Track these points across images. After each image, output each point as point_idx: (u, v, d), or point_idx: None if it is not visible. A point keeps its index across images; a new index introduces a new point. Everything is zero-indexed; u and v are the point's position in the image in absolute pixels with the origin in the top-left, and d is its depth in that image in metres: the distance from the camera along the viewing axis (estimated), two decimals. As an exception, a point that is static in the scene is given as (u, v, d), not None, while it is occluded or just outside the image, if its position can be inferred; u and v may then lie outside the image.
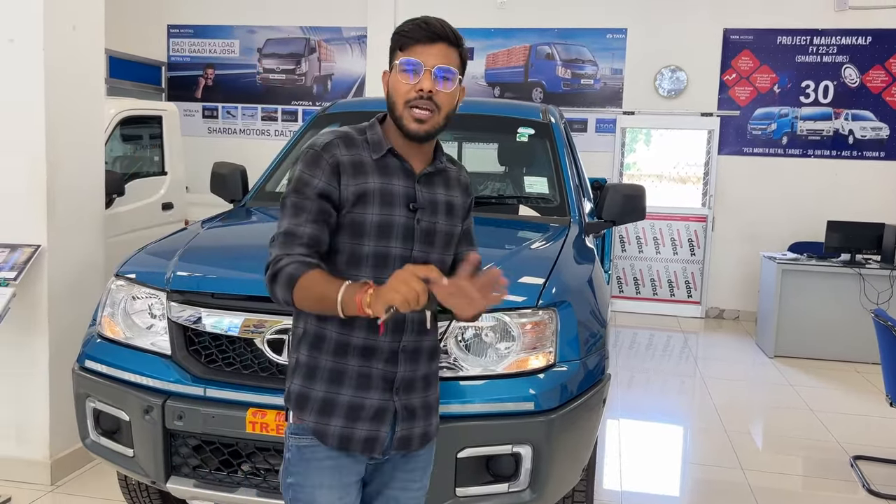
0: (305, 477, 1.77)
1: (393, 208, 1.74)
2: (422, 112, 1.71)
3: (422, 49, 1.71)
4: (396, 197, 1.75)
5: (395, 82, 1.74)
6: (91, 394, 2.60)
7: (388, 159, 1.77)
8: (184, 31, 9.14)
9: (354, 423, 1.75)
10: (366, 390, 1.75)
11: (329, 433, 1.74)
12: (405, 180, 1.77)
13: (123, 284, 2.70)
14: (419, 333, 1.80)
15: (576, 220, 3.45)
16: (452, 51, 1.74)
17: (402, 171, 1.78)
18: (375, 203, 1.73)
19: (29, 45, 3.38)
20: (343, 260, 1.74)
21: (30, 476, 3.54)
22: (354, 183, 1.72)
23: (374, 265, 1.74)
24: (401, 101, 1.72)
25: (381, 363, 1.76)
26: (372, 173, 1.74)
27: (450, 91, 1.74)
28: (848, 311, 6.31)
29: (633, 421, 4.90)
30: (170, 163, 5.89)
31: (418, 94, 1.70)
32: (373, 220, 1.72)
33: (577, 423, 2.42)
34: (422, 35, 1.72)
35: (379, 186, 1.74)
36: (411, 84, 1.71)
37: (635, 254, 8.34)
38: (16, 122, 3.43)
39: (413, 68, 1.71)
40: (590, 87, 8.32)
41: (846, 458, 4.30)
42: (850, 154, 7.80)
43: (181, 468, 2.45)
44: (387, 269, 1.70)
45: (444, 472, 2.25)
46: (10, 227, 3.47)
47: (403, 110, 1.72)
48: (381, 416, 1.76)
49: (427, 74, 1.70)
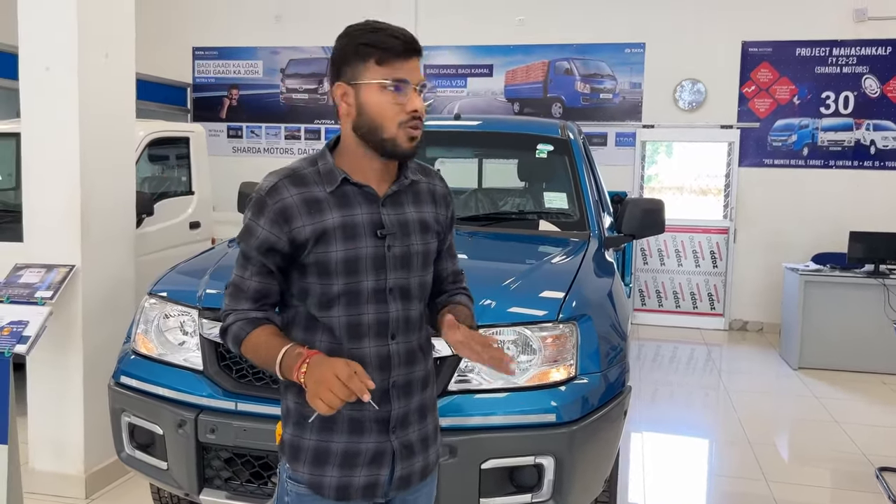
0: None
1: (357, 240, 1.60)
2: (416, 131, 1.62)
3: (401, 64, 1.59)
4: (360, 227, 1.61)
5: (379, 103, 1.58)
6: (126, 408, 2.69)
7: (344, 188, 1.62)
8: (208, 52, 9.34)
9: (351, 471, 1.63)
10: (359, 434, 1.63)
11: (325, 484, 1.63)
12: (368, 207, 1.63)
13: (156, 302, 2.79)
14: (409, 364, 1.68)
15: (595, 234, 3.50)
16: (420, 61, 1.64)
17: (362, 197, 1.63)
18: (337, 239, 1.59)
19: (64, 73, 3.51)
20: (314, 302, 1.63)
21: (66, 490, 3.64)
22: (311, 223, 1.58)
23: (346, 304, 1.61)
24: (391, 124, 1.58)
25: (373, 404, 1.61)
26: (329, 209, 1.60)
27: (427, 104, 1.70)
28: (872, 322, 6.27)
29: (657, 434, 4.91)
30: (197, 183, 6.02)
31: (410, 115, 1.59)
32: (338, 258, 1.59)
33: (598, 434, 2.47)
34: (401, 48, 1.58)
35: (339, 221, 1.60)
36: (400, 104, 1.58)
37: (657, 266, 8.34)
38: (52, 146, 3.55)
39: (401, 87, 1.58)
40: (609, 101, 8.37)
41: (872, 470, 4.28)
42: (872, 164, 7.77)
43: (213, 480, 2.53)
44: (360, 306, 1.61)
45: (469, 483, 2.31)
46: (46, 248, 3.59)
47: (397, 131, 1.59)
48: (380, 460, 1.65)
49: (415, 93, 1.60)
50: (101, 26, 3.62)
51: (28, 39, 3.54)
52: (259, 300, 1.63)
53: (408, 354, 1.68)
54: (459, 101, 8.70)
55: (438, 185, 1.81)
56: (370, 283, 1.62)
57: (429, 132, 4.35)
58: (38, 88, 3.54)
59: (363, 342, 1.63)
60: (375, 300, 1.62)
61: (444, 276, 1.86)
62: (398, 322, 1.66)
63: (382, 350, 1.64)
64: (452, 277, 1.87)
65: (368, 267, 1.61)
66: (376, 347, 1.63)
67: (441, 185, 1.82)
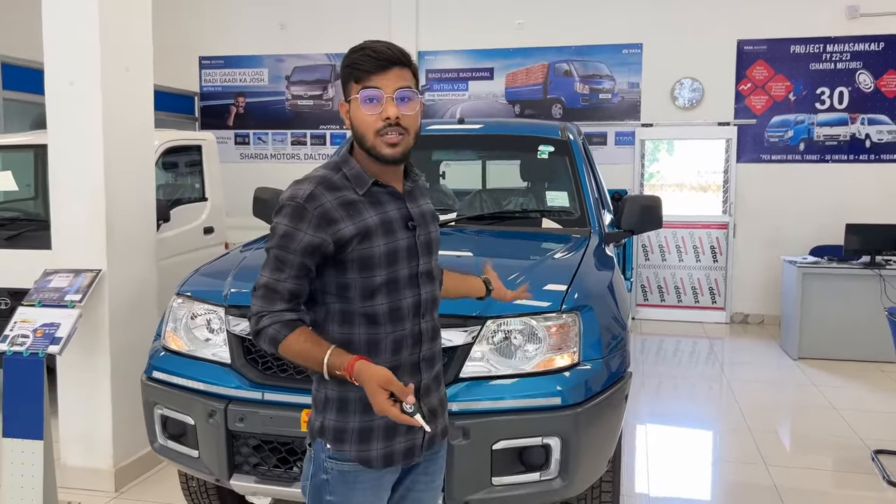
0: (347, 497, 1.82)
1: (395, 234, 1.79)
2: (393, 138, 1.74)
3: (378, 77, 1.72)
4: (395, 222, 1.80)
5: (359, 116, 1.75)
6: (158, 401, 2.86)
7: (374, 190, 1.80)
8: (215, 61, 9.52)
9: (393, 441, 1.82)
10: None
11: (372, 457, 1.80)
12: (396, 203, 1.83)
13: (183, 302, 2.97)
14: (433, 340, 1.90)
15: (596, 230, 3.67)
16: (405, 70, 1.76)
17: (388, 196, 1.82)
18: (379, 235, 1.76)
19: (88, 86, 3.69)
20: (356, 294, 1.77)
21: (96, 483, 3.82)
22: (353, 223, 1.74)
23: (387, 291, 1.78)
24: (370, 133, 1.74)
25: (407, 377, 1.79)
26: (366, 209, 1.77)
27: (413, 111, 1.77)
28: (869, 312, 6.41)
29: (661, 425, 5.06)
30: (210, 189, 6.21)
31: (385, 122, 1.73)
32: (381, 251, 1.76)
33: (601, 416, 2.64)
34: (374, 64, 1.72)
35: (378, 219, 1.77)
36: (377, 114, 1.73)
37: (659, 262, 8.51)
38: (77, 157, 3.74)
39: (374, 98, 1.72)
40: (608, 101, 8.53)
41: (868, 454, 4.43)
42: (868, 158, 7.93)
43: (242, 466, 2.70)
44: (400, 292, 1.79)
45: (481, 462, 2.48)
46: (74, 254, 3.77)
47: (375, 140, 1.75)
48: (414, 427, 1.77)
49: (390, 101, 1.72)
50: (121, 41, 3.81)
51: (53, 56, 3.72)
52: (292, 301, 1.76)
53: (433, 331, 1.90)
54: (461, 104, 8.87)
55: (422, 180, 2.01)
56: (405, 270, 1.81)
57: (434, 136, 4.57)
58: (64, 102, 3.73)
59: (404, 324, 1.82)
60: (410, 285, 1.83)
61: None
62: (428, 302, 1.88)
63: (416, 329, 1.84)
64: None
65: (404, 256, 1.81)
66: (411, 327, 1.83)
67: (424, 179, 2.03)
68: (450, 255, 3.27)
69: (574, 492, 2.61)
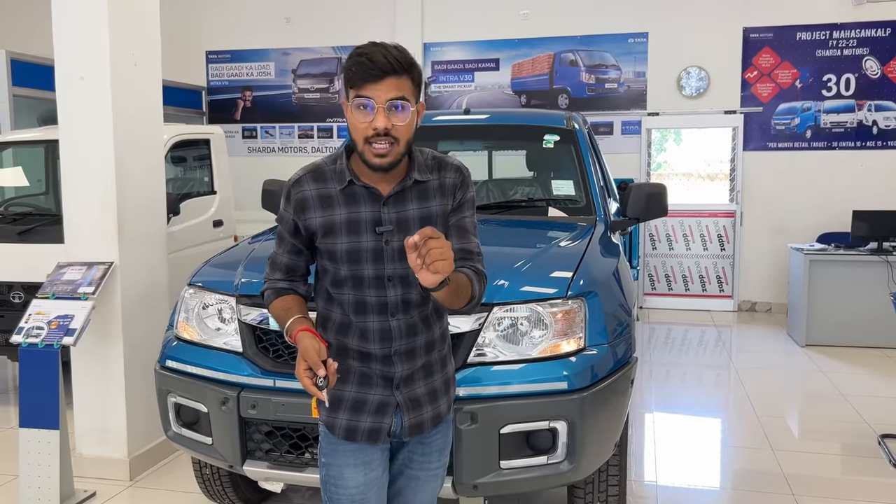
0: (333, 458, 1.96)
1: (360, 235, 1.83)
2: (381, 147, 1.75)
3: (371, 87, 1.73)
4: (363, 223, 1.84)
5: (352, 120, 1.78)
6: (172, 390, 2.91)
7: (353, 188, 1.85)
8: (221, 56, 9.57)
9: (359, 417, 1.91)
10: (367, 387, 1.91)
11: (336, 425, 1.92)
12: (371, 205, 1.84)
13: (195, 292, 3.01)
14: (409, 337, 1.90)
15: (601, 218, 3.70)
16: (402, 80, 1.75)
17: (367, 196, 1.85)
18: (342, 232, 1.84)
19: (98, 81, 3.74)
20: (328, 281, 1.92)
21: (111, 473, 3.89)
22: (322, 215, 1.85)
23: (352, 286, 1.87)
24: (360, 139, 1.77)
25: (379, 364, 1.89)
26: (339, 205, 1.85)
27: (405, 121, 1.76)
28: (876, 298, 6.41)
29: (670, 414, 5.09)
30: (218, 182, 6.26)
31: (374, 131, 1.74)
32: (342, 248, 1.84)
33: (607, 400, 2.67)
34: (368, 73, 1.72)
35: (345, 217, 1.84)
36: (367, 122, 1.74)
37: (666, 251, 8.52)
38: (88, 151, 3.79)
39: (365, 105, 1.74)
40: (614, 90, 8.54)
41: (875, 438, 4.46)
42: (875, 144, 7.91)
43: (255, 452, 2.75)
44: (363, 290, 1.86)
45: (489, 446, 2.52)
46: (87, 247, 3.83)
47: (364, 146, 1.77)
48: (384, 410, 1.91)
49: (380, 112, 1.73)
50: (130, 37, 3.85)
51: (63, 52, 3.77)
52: (287, 273, 1.98)
53: (408, 328, 1.91)
54: (468, 95, 8.89)
55: (449, 177, 1.93)
56: (370, 271, 1.86)
57: (440, 126, 4.59)
58: (74, 97, 3.78)
59: (368, 318, 1.89)
60: (375, 286, 1.87)
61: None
62: (397, 304, 1.89)
63: (384, 325, 1.89)
64: (459, 255, 1.88)
65: (369, 258, 1.85)
66: (379, 322, 1.89)
67: (453, 176, 1.93)
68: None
69: (581, 475, 2.65)
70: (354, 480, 1.95)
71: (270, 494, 3.61)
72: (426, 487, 2.09)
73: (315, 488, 2.59)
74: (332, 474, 1.97)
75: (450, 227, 1.93)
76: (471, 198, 1.98)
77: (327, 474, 1.99)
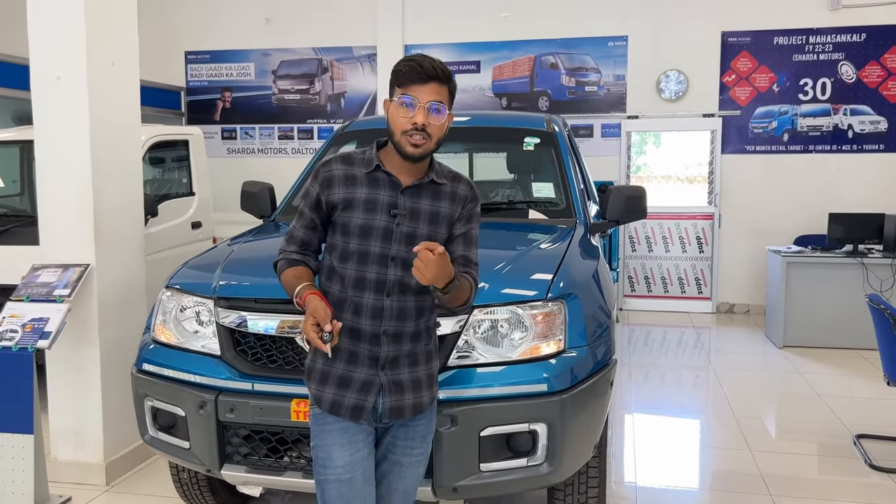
0: (322, 439, 2.12)
1: (375, 214, 2.08)
2: (417, 139, 2.03)
3: (417, 88, 2.02)
4: (380, 204, 2.09)
5: (394, 114, 2.05)
6: (149, 394, 2.88)
7: (376, 174, 2.11)
8: (201, 56, 9.50)
9: (344, 392, 2.09)
10: (354, 365, 2.09)
11: (324, 399, 2.10)
12: (390, 191, 2.10)
13: (172, 294, 2.98)
14: (399, 319, 2.10)
15: (581, 221, 3.71)
16: (443, 87, 2.06)
17: (388, 183, 2.11)
18: (360, 209, 2.08)
19: (74, 81, 3.69)
20: (336, 255, 2.11)
21: (87, 478, 3.83)
22: (345, 191, 2.09)
23: (357, 260, 2.08)
24: (398, 131, 2.05)
25: (367, 344, 2.08)
26: (361, 185, 2.10)
27: (440, 122, 2.06)
28: (852, 300, 6.49)
29: (648, 415, 5.12)
30: (197, 183, 6.20)
31: (413, 126, 2.02)
32: (357, 223, 2.08)
33: (587, 402, 2.67)
34: (416, 76, 2.02)
35: (365, 196, 2.09)
36: (408, 117, 2.02)
37: (645, 253, 8.58)
38: (64, 151, 3.74)
39: (410, 103, 2.02)
40: (594, 93, 8.58)
41: (851, 438, 4.51)
42: (851, 148, 8.02)
43: (233, 456, 2.72)
44: (367, 265, 2.08)
45: (469, 449, 2.52)
46: (62, 248, 3.78)
47: (401, 137, 2.04)
48: (368, 388, 2.08)
49: (421, 110, 2.02)
50: (107, 36, 3.81)
51: (39, 51, 3.72)
52: (302, 246, 2.17)
53: (399, 311, 2.10)
54: (448, 97, 8.88)
55: (462, 189, 2.20)
56: (377, 248, 2.08)
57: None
58: (50, 97, 3.73)
59: (364, 294, 2.08)
60: (378, 262, 2.08)
61: (453, 257, 2.14)
62: (394, 284, 2.09)
63: (378, 303, 2.08)
64: (461, 261, 2.16)
65: (378, 235, 2.08)
66: (373, 300, 2.08)
67: (465, 189, 2.21)
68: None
69: (561, 477, 2.65)
70: (341, 460, 2.10)
71: (249, 498, 3.58)
72: (409, 473, 2.22)
73: (294, 492, 2.57)
74: (320, 455, 2.12)
75: (458, 236, 2.19)
76: (478, 212, 2.25)
77: (316, 457, 2.14)
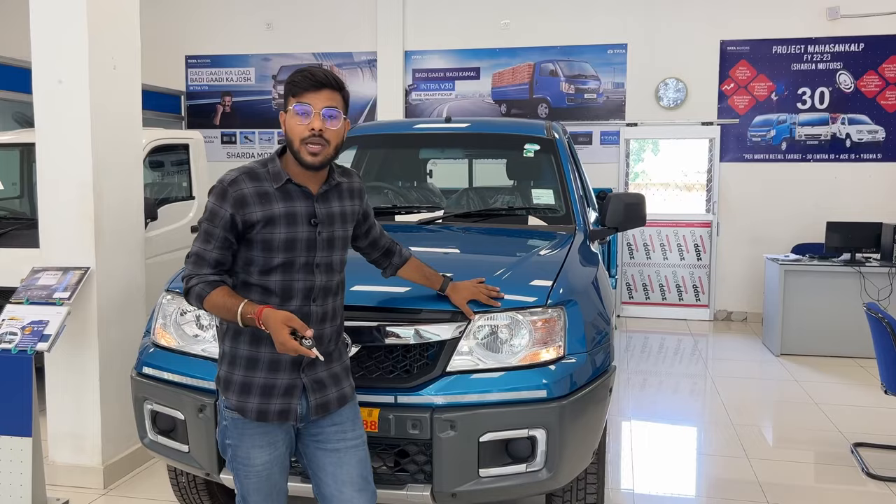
0: (241, 440, 2.19)
1: (297, 226, 2.12)
2: (314, 147, 2.07)
3: (310, 95, 2.06)
4: (299, 216, 2.13)
5: (291, 124, 2.09)
6: (149, 397, 2.88)
7: (287, 187, 2.14)
8: (201, 61, 9.52)
9: (269, 400, 2.15)
10: (276, 372, 2.16)
11: (248, 409, 2.15)
12: (305, 201, 2.15)
13: (172, 298, 2.98)
14: (321, 322, 2.19)
15: (580, 227, 3.72)
16: (336, 94, 2.09)
17: (301, 194, 2.15)
18: (281, 224, 2.11)
19: (76, 85, 3.70)
20: (256, 269, 2.14)
21: (85, 481, 3.83)
22: (262, 209, 2.09)
23: (282, 271, 2.13)
24: (297, 140, 2.08)
25: None
26: (276, 201, 2.12)
27: (336, 128, 2.10)
28: (849, 309, 6.51)
29: (646, 422, 5.13)
30: (197, 187, 6.21)
31: (310, 132, 2.05)
32: (280, 238, 2.11)
33: (586, 408, 2.68)
34: (309, 84, 2.06)
35: (284, 210, 2.12)
36: (304, 125, 2.06)
37: (643, 260, 8.59)
38: (66, 154, 3.75)
39: (304, 111, 2.06)
40: (593, 101, 8.61)
41: (848, 447, 4.52)
42: (848, 157, 8.05)
43: (232, 460, 2.73)
44: (293, 274, 2.14)
45: (468, 454, 2.52)
46: (62, 251, 3.78)
47: (300, 146, 2.08)
48: (291, 392, 2.16)
49: (316, 116, 2.06)
50: (109, 39, 3.82)
51: (41, 54, 3.73)
52: (217, 267, 2.13)
53: (323, 315, 2.20)
54: (448, 103, 8.92)
55: (356, 182, 2.34)
56: (302, 258, 2.15)
57: (421, 135, 4.60)
58: (52, 100, 3.74)
59: (291, 302, 2.15)
60: (304, 271, 2.15)
61: (381, 242, 2.54)
62: (320, 289, 2.19)
63: (304, 309, 2.15)
64: (389, 243, 2.57)
65: (303, 246, 2.15)
66: (299, 307, 2.15)
67: (357, 181, 2.35)
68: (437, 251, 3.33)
69: (559, 483, 2.66)
70: (260, 459, 2.20)
71: (247, 503, 3.57)
72: (350, 459, 2.26)
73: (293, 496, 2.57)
74: (239, 455, 2.21)
75: (372, 227, 2.48)
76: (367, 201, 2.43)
77: (234, 455, 2.22)
